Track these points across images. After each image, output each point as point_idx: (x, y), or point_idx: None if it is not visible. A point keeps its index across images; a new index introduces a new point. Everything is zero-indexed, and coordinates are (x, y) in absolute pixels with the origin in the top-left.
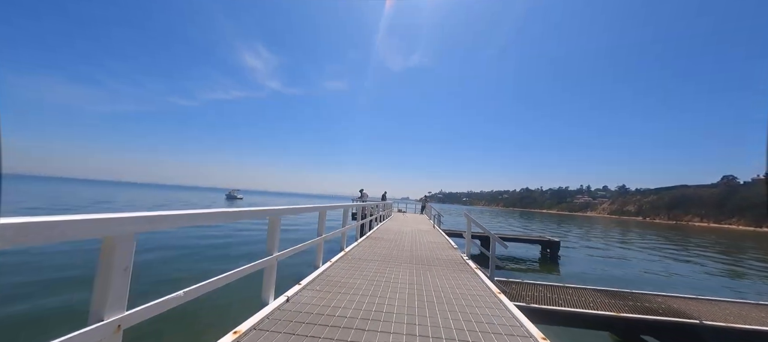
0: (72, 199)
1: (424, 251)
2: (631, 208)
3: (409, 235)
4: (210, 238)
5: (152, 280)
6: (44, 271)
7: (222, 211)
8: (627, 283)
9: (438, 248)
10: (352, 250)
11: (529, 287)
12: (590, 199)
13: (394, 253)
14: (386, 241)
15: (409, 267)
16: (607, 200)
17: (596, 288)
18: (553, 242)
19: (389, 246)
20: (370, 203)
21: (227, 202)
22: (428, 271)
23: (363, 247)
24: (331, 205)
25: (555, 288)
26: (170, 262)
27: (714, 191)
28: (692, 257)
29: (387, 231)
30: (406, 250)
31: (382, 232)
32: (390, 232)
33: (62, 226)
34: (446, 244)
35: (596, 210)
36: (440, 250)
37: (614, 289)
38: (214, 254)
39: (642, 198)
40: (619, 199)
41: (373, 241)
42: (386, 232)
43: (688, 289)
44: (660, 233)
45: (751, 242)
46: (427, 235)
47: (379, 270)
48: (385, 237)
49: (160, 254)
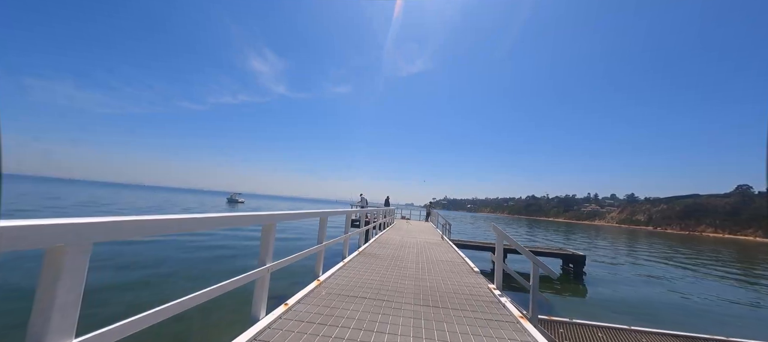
0: (49, 202)
1: (436, 278)
2: (640, 217)
3: (414, 249)
4: (202, 250)
5: (117, 299)
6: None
7: (202, 217)
8: (691, 316)
9: (453, 271)
10: (337, 272)
11: (583, 331)
12: (598, 207)
13: (392, 280)
14: (384, 259)
15: (413, 311)
16: (615, 209)
17: (674, 333)
18: (577, 256)
19: (387, 267)
20: (370, 209)
21: (228, 205)
22: (445, 320)
23: (351, 270)
24: (331, 211)
25: (618, 332)
26: (147, 276)
27: (728, 201)
28: (748, 278)
29: (386, 244)
30: (409, 277)
31: (381, 245)
32: (390, 245)
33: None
34: (462, 265)
35: (604, 219)
36: (457, 276)
37: (701, 337)
38: (200, 268)
39: (652, 207)
40: (628, 207)
41: (366, 260)
42: (385, 246)
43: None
44: (686, 246)
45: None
46: (435, 249)
47: (364, 318)
48: (382, 253)
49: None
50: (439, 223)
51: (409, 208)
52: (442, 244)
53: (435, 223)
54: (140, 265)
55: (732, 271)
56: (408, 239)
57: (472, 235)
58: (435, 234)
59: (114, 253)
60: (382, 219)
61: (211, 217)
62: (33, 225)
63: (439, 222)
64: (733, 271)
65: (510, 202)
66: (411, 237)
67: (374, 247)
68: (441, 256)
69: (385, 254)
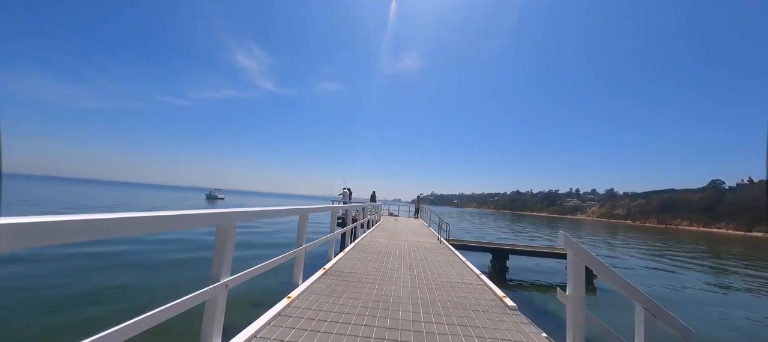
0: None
1: (449, 328)
2: (619, 211)
3: (406, 259)
4: (139, 264)
5: None
6: None
7: (133, 216)
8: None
9: (474, 308)
10: (268, 328)
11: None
12: (579, 202)
13: (373, 334)
14: (361, 282)
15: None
16: (596, 203)
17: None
18: None
19: (366, 299)
20: (354, 205)
21: (207, 202)
22: None
23: (311, 301)
24: (313, 207)
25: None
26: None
27: (702, 196)
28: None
29: (367, 251)
30: (402, 327)
31: (359, 254)
32: (372, 252)
33: None
34: (482, 290)
35: (586, 213)
36: (484, 320)
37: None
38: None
39: (630, 201)
40: (608, 202)
41: (334, 285)
42: (366, 254)
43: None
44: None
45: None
46: (434, 258)
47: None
48: (359, 270)
49: None
50: (433, 220)
51: (397, 204)
52: (440, 249)
53: (426, 220)
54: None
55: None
56: (395, 243)
57: (466, 233)
58: (428, 234)
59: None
60: (367, 216)
61: (152, 216)
62: None
63: (433, 219)
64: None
65: (495, 197)
66: (400, 239)
67: (351, 257)
68: (443, 269)
69: (364, 272)
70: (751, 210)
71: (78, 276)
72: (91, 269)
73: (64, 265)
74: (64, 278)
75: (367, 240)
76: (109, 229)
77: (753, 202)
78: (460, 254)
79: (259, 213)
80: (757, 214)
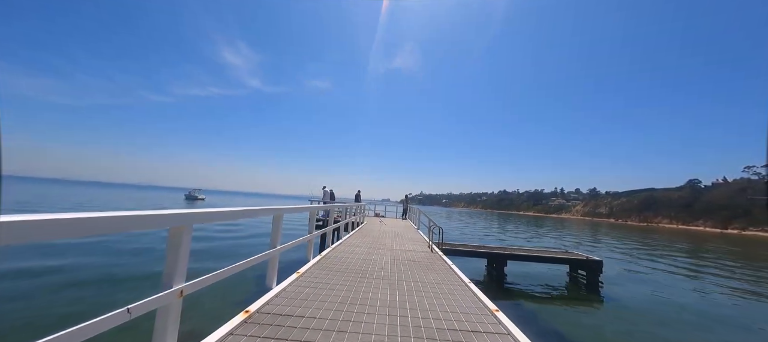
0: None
1: None
2: (602, 210)
3: (386, 280)
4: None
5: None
6: None
7: (71, 217)
8: None
9: None
10: None
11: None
12: (564, 201)
13: None
14: (302, 337)
15: None
16: (579, 202)
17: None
18: (592, 262)
19: None
20: (336, 205)
21: (186, 202)
22: None
23: None
24: (288, 207)
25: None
26: None
27: (681, 194)
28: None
29: (335, 269)
30: None
31: (321, 274)
32: (342, 269)
33: None
34: (490, 323)
35: (570, 212)
36: None
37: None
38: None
39: (612, 200)
40: (592, 201)
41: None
42: (332, 273)
43: None
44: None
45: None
46: (423, 274)
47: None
48: (312, 305)
49: None
50: (423, 222)
51: (384, 204)
52: (432, 261)
53: (415, 221)
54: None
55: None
56: (377, 256)
57: (459, 234)
58: (417, 240)
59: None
60: (349, 218)
61: (87, 217)
62: None
63: (423, 221)
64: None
65: (483, 196)
66: (383, 248)
67: (308, 281)
68: (442, 305)
69: (317, 315)
70: (726, 208)
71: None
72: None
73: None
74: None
75: (340, 250)
76: (30, 233)
77: (728, 200)
78: (460, 271)
79: (218, 214)
80: (732, 212)
